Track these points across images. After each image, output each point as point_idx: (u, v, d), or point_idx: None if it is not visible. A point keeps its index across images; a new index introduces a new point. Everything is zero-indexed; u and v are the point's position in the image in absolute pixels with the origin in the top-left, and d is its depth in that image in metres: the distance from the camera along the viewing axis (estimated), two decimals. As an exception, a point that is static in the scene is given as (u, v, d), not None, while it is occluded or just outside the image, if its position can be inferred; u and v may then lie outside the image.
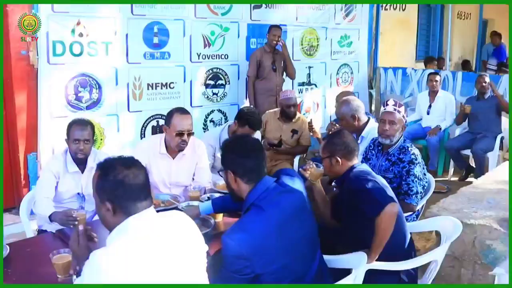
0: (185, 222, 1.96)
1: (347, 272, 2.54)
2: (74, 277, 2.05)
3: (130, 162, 1.88)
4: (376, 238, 2.69)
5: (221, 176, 2.60)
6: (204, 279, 1.94)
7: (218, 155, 4.33)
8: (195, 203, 3.19)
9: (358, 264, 2.55)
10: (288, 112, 5.30)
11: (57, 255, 2.34)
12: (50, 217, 3.10)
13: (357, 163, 3.01)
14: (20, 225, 3.78)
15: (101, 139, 5.45)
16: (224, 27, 6.26)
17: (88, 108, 5.26)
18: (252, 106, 6.02)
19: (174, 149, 3.61)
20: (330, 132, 4.35)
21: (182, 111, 3.61)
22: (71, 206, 3.41)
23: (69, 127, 3.45)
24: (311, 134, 5.24)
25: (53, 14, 4.82)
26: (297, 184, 2.45)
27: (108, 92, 5.37)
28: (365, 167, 3.03)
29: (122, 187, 1.80)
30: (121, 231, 1.79)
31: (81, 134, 3.38)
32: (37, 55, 4.80)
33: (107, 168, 1.85)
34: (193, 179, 3.79)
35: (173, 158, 3.68)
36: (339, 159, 2.94)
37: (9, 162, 5.21)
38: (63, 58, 4.96)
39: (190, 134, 3.54)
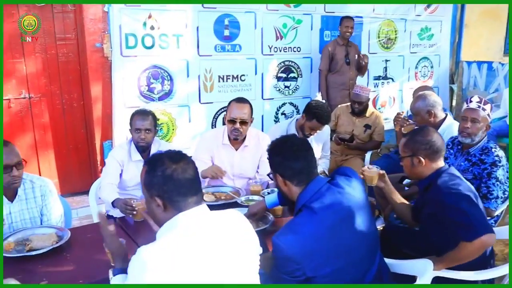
0: (239, 221, 1.90)
1: (411, 278, 2.43)
2: (110, 274, 2.03)
3: (178, 157, 1.84)
4: (456, 256, 2.52)
5: (271, 179, 2.54)
6: (252, 280, 1.87)
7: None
8: (255, 197, 3.19)
9: (423, 271, 2.40)
10: (354, 108, 5.20)
11: None
12: (113, 203, 3.22)
13: (444, 166, 2.78)
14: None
15: (173, 129, 5.62)
16: (296, 19, 6.23)
17: (160, 99, 5.44)
18: (324, 100, 5.94)
19: (232, 139, 3.66)
20: (403, 129, 4.18)
21: (239, 100, 3.65)
22: (135, 193, 3.53)
23: (132, 117, 3.58)
24: (395, 127, 4.99)
25: (125, 7, 5.02)
26: (354, 185, 2.32)
27: (179, 84, 5.52)
28: (453, 170, 2.78)
29: (171, 182, 1.77)
30: (170, 227, 1.77)
31: (142, 124, 3.50)
32: (111, 48, 5.05)
33: (155, 163, 1.81)
34: (257, 171, 3.80)
35: (236, 149, 3.72)
36: (422, 159, 2.73)
37: (87, 149, 5.53)
38: (136, 51, 5.17)
39: (243, 122, 3.55)
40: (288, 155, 2.29)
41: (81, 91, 5.35)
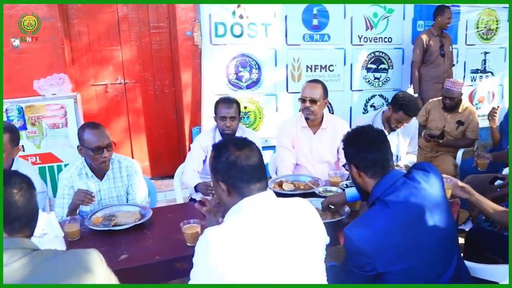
0: (305, 209, 1.89)
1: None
2: None
3: (243, 144, 1.86)
4: None
5: (346, 170, 2.50)
6: (315, 269, 1.83)
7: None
8: (334, 188, 3.16)
9: (504, 278, 2.27)
10: (445, 103, 4.96)
11: (187, 225, 2.47)
12: (195, 187, 3.33)
13: None
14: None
15: (260, 118, 5.68)
16: (388, 8, 6.03)
17: (247, 87, 5.52)
18: (417, 94, 5.73)
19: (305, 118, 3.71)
20: (479, 165, 3.95)
21: (312, 80, 3.75)
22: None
23: (216, 105, 3.68)
24: (490, 123, 4.71)
25: (215, -3, 5.13)
26: (432, 181, 2.22)
27: (267, 73, 5.56)
28: None
29: (234, 168, 1.80)
30: (235, 211, 1.80)
31: (227, 112, 3.58)
32: (201, 36, 5.19)
33: (220, 149, 1.86)
34: (338, 158, 3.78)
35: (314, 133, 3.74)
36: None
37: (177, 134, 5.74)
38: (225, 39, 5.29)
39: (313, 101, 3.60)
40: (363, 146, 2.25)
41: (172, 78, 5.55)
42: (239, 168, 1.80)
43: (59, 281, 1.52)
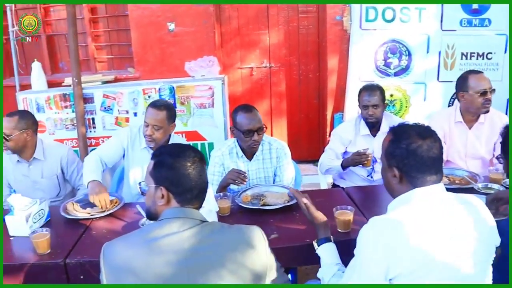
0: (478, 207, 1.75)
1: None
2: (315, 244, 2.08)
3: (427, 133, 1.76)
4: None
5: (500, 163, 2.25)
6: (481, 270, 1.70)
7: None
8: (495, 186, 2.91)
9: None
10: None
11: (340, 211, 2.43)
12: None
13: None
14: (316, 176, 4.15)
15: (406, 107, 5.41)
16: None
17: (395, 74, 5.27)
18: None
19: (474, 115, 3.47)
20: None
21: (477, 72, 3.51)
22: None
23: (359, 93, 3.59)
24: None
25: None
26: None
27: (417, 60, 5.26)
28: None
29: (413, 157, 1.71)
30: (403, 200, 1.73)
31: (368, 100, 3.48)
32: (350, 21, 5.04)
33: (401, 134, 1.77)
34: (493, 155, 3.51)
35: (470, 128, 3.51)
36: None
37: (318, 119, 5.69)
38: (375, 24, 5.07)
39: (491, 90, 3.36)
40: None
41: (318, 63, 5.48)
42: (418, 158, 1.71)
43: (224, 253, 1.58)
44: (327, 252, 2.02)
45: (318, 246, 2.06)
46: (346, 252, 2.24)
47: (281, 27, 5.38)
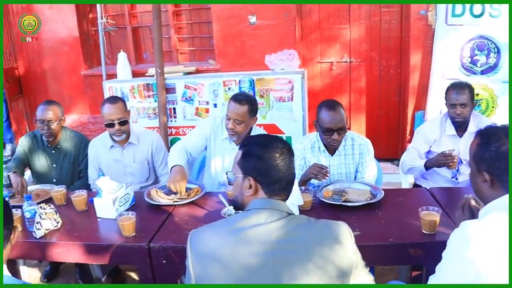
0: None
1: None
2: None
3: None
4: None
5: None
6: None
7: None
8: None
9: None
10: None
11: (425, 211, 2.36)
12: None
13: None
14: (396, 176, 4.07)
15: (493, 107, 5.16)
16: None
17: (482, 72, 5.03)
18: None
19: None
20: None
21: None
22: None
23: (447, 91, 3.46)
24: None
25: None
26: None
27: (507, 58, 5.00)
28: None
29: (504, 160, 1.63)
30: (497, 207, 1.65)
31: (456, 99, 3.35)
32: (436, 16, 4.86)
33: (489, 136, 1.70)
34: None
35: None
36: None
37: (398, 117, 5.55)
38: (462, 19, 4.84)
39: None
40: None
41: (400, 59, 5.34)
42: (508, 160, 1.63)
43: (311, 247, 1.57)
44: None
45: None
46: (432, 254, 2.20)
47: (362, 22, 5.29)
